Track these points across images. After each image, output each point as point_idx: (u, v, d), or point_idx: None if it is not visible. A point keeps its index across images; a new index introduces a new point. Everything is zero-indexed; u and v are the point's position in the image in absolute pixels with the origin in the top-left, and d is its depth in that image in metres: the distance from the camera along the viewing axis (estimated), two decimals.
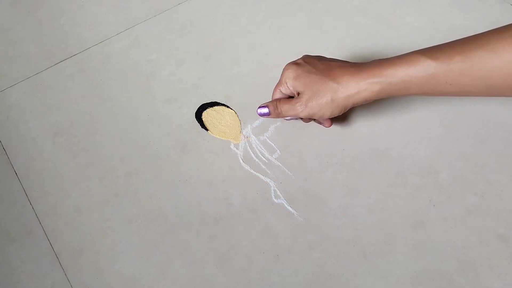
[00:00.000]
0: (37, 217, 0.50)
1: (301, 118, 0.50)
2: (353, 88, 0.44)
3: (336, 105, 0.45)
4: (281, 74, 0.48)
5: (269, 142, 0.53)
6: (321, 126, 0.51)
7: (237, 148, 0.52)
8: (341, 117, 0.53)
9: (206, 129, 0.54)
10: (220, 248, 0.47)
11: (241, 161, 0.51)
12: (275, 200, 0.49)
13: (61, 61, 0.62)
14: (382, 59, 0.44)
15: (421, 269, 0.44)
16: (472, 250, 0.44)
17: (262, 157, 0.52)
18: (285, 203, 0.48)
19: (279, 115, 0.49)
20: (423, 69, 0.41)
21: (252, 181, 0.50)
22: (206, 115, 0.55)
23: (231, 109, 0.55)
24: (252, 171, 0.51)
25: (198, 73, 0.59)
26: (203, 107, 0.56)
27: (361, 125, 0.52)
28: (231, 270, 0.45)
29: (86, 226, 0.49)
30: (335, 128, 0.52)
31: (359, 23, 0.62)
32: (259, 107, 0.50)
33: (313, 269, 0.45)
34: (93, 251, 0.47)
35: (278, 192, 0.49)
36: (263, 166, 0.51)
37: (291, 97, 0.49)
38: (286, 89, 0.48)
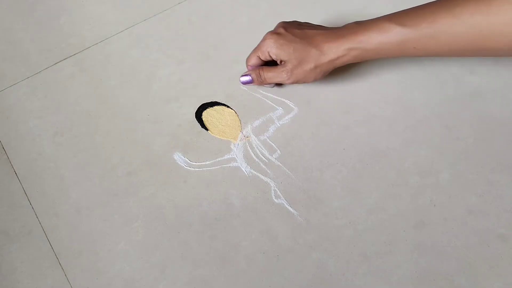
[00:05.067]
0: (37, 217, 0.50)
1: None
2: (334, 54, 0.48)
3: (319, 70, 0.49)
4: (261, 43, 0.51)
5: (269, 142, 0.52)
6: (321, 127, 0.52)
7: (237, 148, 0.52)
8: (343, 116, 0.53)
9: (206, 129, 0.54)
10: (220, 248, 0.47)
11: (241, 161, 0.52)
12: (275, 200, 0.49)
13: (61, 61, 0.62)
14: (357, 22, 0.48)
15: (421, 269, 0.44)
16: (473, 250, 0.44)
17: (262, 157, 0.52)
18: (285, 203, 0.48)
19: (262, 83, 0.54)
20: (394, 35, 0.45)
21: (252, 181, 0.50)
22: (206, 114, 0.55)
23: (231, 109, 0.55)
24: (252, 171, 0.51)
25: (198, 73, 0.59)
26: (203, 107, 0.56)
27: (361, 125, 0.52)
28: (231, 270, 0.45)
29: (86, 226, 0.49)
30: (335, 128, 0.52)
31: None
32: (241, 75, 0.54)
33: (313, 270, 0.45)
34: (93, 251, 0.47)
35: (278, 192, 0.49)
36: (263, 166, 0.51)
37: (267, 63, 0.53)
38: (266, 57, 0.51)
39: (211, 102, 0.56)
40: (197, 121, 0.55)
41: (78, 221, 0.49)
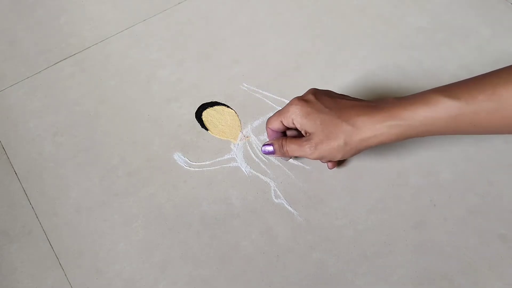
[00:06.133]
0: (37, 217, 0.50)
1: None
2: (369, 130, 0.41)
3: (349, 148, 0.42)
4: (286, 107, 0.45)
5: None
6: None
7: (237, 148, 0.52)
8: None
9: (206, 129, 0.54)
10: (220, 248, 0.47)
11: (241, 161, 0.52)
12: (275, 200, 0.49)
13: (61, 61, 0.62)
14: (398, 97, 0.42)
15: (421, 269, 0.44)
16: (473, 250, 0.44)
17: (262, 157, 0.52)
18: (285, 203, 0.48)
19: (284, 155, 0.47)
20: (445, 110, 0.39)
21: (252, 181, 0.50)
22: (206, 114, 0.55)
23: (231, 109, 0.55)
24: (252, 170, 0.51)
25: (198, 73, 0.59)
26: (203, 107, 0.56)
27: None
28: (231, 270, 0.45)
29: (86, 226, 0.49)
30: None
31: (359, 23, 0.61)
32: (264, 144, 0.48)
33: (313, 270, 0.45)
34: (93, 251, 0.47)
35: (278, 192, 0.49)
36: (263, 166, 0.51)
37: (288, 128, 0.47)
38: (289, 124, 0.45)
39: (211, 102, 0.56)
40: (197, 121, 0.55)
41: (78, 221, 0.49)
